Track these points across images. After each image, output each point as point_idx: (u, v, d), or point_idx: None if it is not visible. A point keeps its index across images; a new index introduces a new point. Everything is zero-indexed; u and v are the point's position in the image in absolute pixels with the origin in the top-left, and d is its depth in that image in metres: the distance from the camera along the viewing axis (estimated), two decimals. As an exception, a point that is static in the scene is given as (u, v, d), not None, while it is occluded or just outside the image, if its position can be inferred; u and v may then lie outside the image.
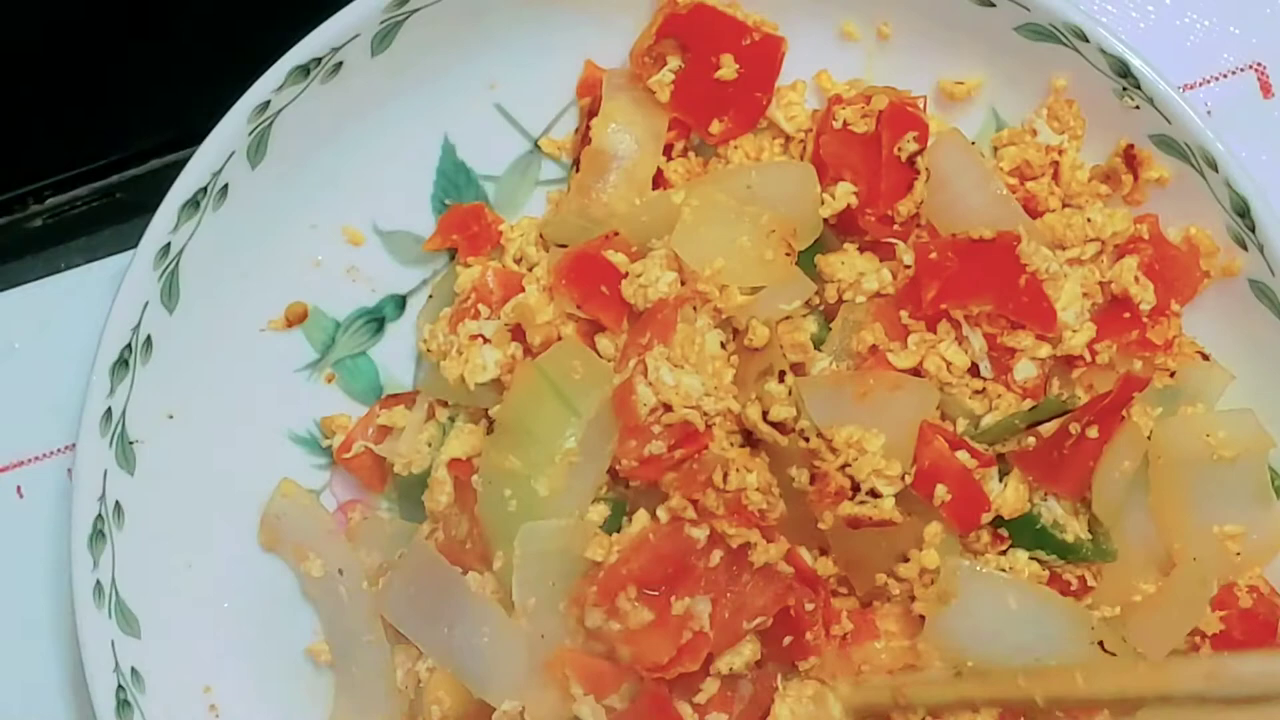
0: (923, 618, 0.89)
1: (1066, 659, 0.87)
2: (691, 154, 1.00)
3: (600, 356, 0.92)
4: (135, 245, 0.93)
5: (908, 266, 0.93)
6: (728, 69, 0.96)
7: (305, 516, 0.99)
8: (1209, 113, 0.99)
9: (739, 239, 0.92)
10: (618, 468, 0.90)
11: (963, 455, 0.88)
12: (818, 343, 0.93)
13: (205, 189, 0.93)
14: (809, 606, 0.88)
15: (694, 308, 0.92)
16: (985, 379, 0.92)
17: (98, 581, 0.93)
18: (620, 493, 0.92)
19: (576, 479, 0.90)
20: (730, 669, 0.88)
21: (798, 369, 0.92)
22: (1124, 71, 0.91)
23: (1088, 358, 0.93)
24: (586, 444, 0.90)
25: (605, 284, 0.93)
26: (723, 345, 0.92)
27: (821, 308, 0.95)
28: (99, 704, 0.92)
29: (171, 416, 0.96)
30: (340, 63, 0.93)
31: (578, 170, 0.98)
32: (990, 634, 0.88)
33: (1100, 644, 0.88)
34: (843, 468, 0.87)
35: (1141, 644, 0.89)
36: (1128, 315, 0.94)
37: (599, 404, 0.90)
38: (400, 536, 0.98)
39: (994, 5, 0.93)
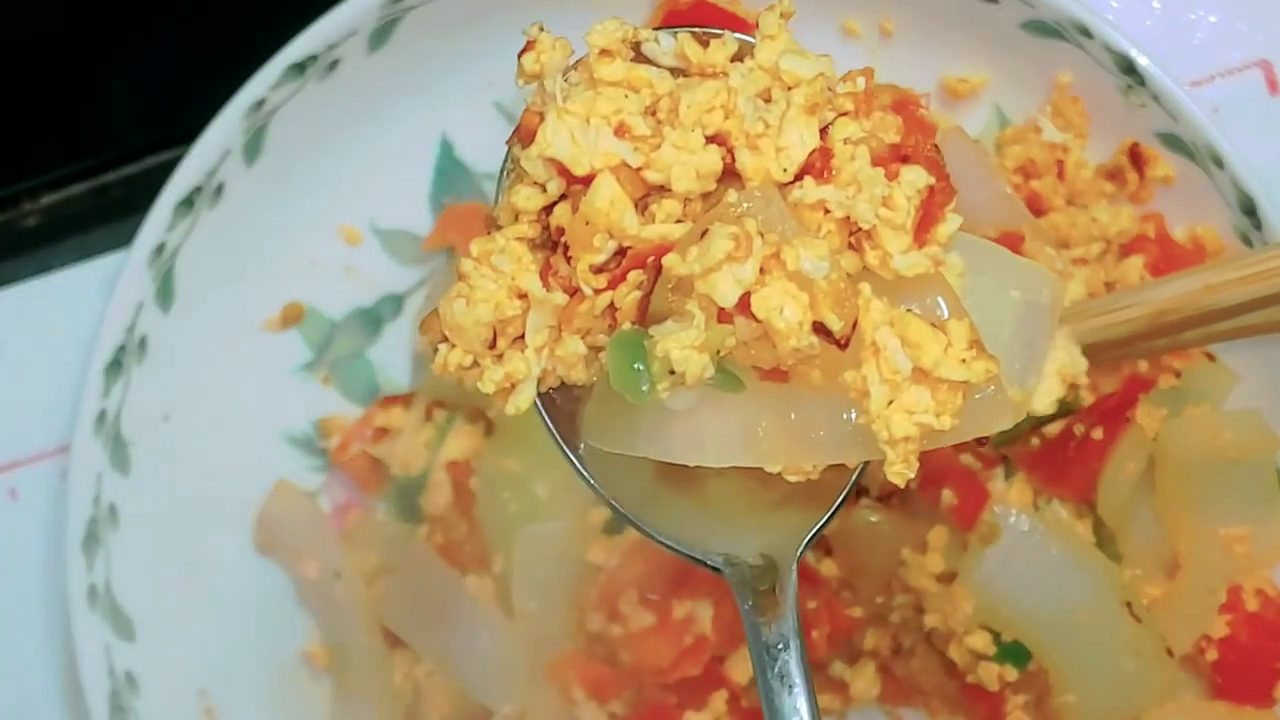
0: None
1: (1095, 614, 0.87)
2: (692, 152, 0.99)
3: (600, 357, 0.92)
4: (130, 244, 0.92)
5: (910, 266, 0.92)
6: (728, 66, 0.95)
7: (301, 518, 0.99)
8: (1215, 110, 0.98)
9: (740, 238, 0.91)
10: (618, 469, 0.89)
11: (967, 458, 0.87)
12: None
13: (200, 188, 0.92)
14: (811, 605, 0.88)
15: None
16: (989, 380, 0.92)
17: (92, 585, 0.92)
18: (621, 495, 0.91)
19: (577, 481, 0.89)
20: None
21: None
22: (1129, 68, 0.90)
23: (1092, 358, 0.93)
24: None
25: (605, 283, 0.92)
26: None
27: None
28: (93, 709, 0.91)
29: (166, 418, 0.96)
30: (337, 60, 0.92)
31: (577, 168, 0.97)
32: (1026, 579, 0.87)
33: (1128, 605, 0.87)
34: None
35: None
36: (1133, 315, 0.93)
37: (599, 404, 0.89)
38: (397, 539, 0.98)
39: (998, 2, 0.92)
